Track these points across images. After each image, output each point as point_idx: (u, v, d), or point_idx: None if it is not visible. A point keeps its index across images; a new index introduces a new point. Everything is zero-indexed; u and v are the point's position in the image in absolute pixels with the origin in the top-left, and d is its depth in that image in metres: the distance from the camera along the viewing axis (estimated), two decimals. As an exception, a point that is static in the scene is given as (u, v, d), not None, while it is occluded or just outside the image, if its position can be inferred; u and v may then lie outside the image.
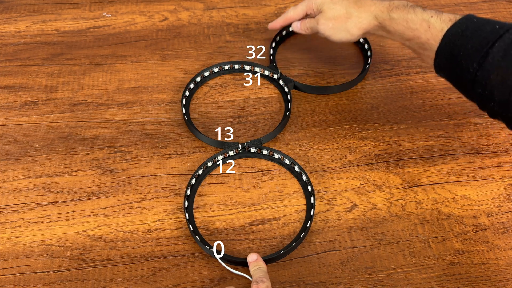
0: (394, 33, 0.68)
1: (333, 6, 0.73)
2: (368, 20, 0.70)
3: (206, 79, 0.82)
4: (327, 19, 0.73)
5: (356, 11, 0.71)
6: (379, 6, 0.69)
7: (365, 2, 0.71)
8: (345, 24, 0.72)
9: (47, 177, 0.70)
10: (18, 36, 0.89)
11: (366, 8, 0.70)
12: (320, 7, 0.74)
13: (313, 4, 0.75)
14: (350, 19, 0.71)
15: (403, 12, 0.66)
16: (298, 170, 0.70)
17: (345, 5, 0.72)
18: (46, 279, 0.62)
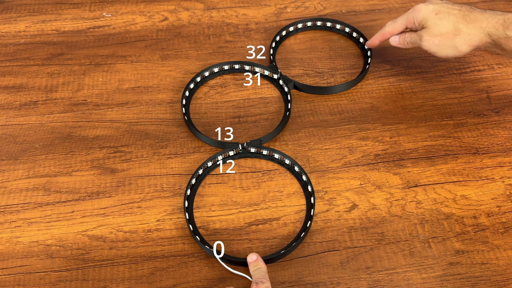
0: (510, 51, 0.65)
1: (439, 21, 0.68)
2: (480, 37, 0.66)
3: (206, 79, 0.82)
4: (432, 35, 0.69)
5: (466, 27, 0.66)
6: (492, 22, 0.65)
7: (475, 16, 0.66)
8: (453, 41, 0.67)
9: (47, 177, 0.70)
10: (18, 36, 0.89)
11: (477, 23, 0.66)
12: (423, 22, 0.70)
13: (414, 18, 0.71)
14: (458, 36, 0.67)
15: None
16: (298, 170, 0.70)
17: (453, 21, 0.67)
18: (46, 279, 0.62)
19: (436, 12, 0.69)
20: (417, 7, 0.71)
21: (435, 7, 0.69)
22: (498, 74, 0.82)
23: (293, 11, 0.92)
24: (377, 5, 0.93)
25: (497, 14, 0.66)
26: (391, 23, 0.75)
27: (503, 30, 0.64)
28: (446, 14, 0.68)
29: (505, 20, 0.64)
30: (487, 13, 0.66)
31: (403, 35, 0.75)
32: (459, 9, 0.68)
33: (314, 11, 0.92)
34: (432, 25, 0.69)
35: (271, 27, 0.89)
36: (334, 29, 0.88)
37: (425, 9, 0.70)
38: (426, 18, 0.69)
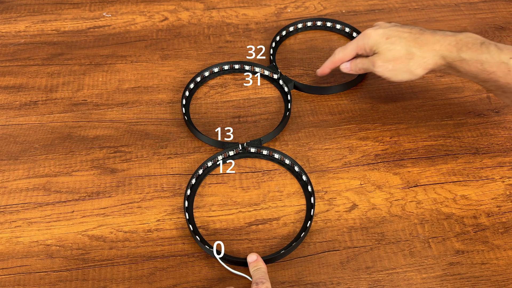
0: (465, 74, 0.63)
1: (391, 46, 0.66)
2: (434, 60, 0.64)
3: (206, 79, 0.82)
4: (385, 61, 0.67)
5: (419, 51, 0.65)
6: (444, 44, 0.64)
7: (426, 39, 0.65)
8: (408, 65, 0.66)
9: (47, 177, 0.70)
10: (18, 36, 0.89)
11: (429, 46, 0.64)
12: (374, 48, 0.68)
13: (365, 44, 0.69)
14: (412, 60, 0.65)
15: (475, 52, 0.61)
16: (298, 170, 0.70)
17: (405, 45, 0.65)
18: (46, 279, 0.62)
19: (386, 37, 0.67)
20: (367, 33, 0.69)
21: (385, 31, 0.67)
22: (498, 74, 0.82)
23: (293, 11, 0.92)
24: (377, 5, 0.93)
25: (447, 35, 0.64)
26: (341, 49, 0.73)
27: (457, 53, 0.63)
28: (397, 38, 0.66)
29: (457, 42, 0.63)
30: (438, 35, 0.65)
31: (354, 61, 0.72)
32: (409, 31, 0.66)
33: (314, 11, 0.92)
34: (385, 50, 0.67)
35: (271, 27, 0.89)
36: (334, 29, 0.88)
37: (375, 34, 0.68)
38: (377, 43, 0.67)
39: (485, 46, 0.61)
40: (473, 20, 0.90)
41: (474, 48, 0.62)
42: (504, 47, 0.61)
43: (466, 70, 0.63)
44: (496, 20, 0.90)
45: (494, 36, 0.87)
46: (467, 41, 0.63)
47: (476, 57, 0.61)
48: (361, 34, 0.70)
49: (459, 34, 0.64)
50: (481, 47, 0.61)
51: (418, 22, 0.90)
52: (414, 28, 0.67)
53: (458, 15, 0.91)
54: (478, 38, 0.63)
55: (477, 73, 0.62)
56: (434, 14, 0.91)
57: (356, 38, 0.71)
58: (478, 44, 0.62)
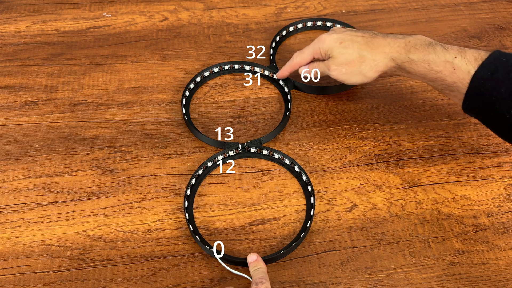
0: (414, 74, 0.65)
1: (344, 50, 0.68)
2: (384, 63, 0.66)
3: (206, 79, 0.82)
4: (339, 64, 0.69)
5: (370, 54, 0.66)
6: (394, 47, 0.65)
7: (378, 42, 0.67)
8: (359, 68, 0.67)
9: (47, 177, 0.70)
10: (18, 36, 0.89)
11: (380, 49, 0.66)
12: (329, 52, 0.70)
13: (320, 49, 0.71)
14: (364, 63, 0.67)
15: (423, 53, 0.63)
16: (298, 170, 0.70)
17: (357, 48, 0.67)
18: (46, 279, 0.62)
19: (340, 41, 0.68)
20: (322, 38, 0.71)
21: (339, 36, 0.69)
22: (498, 74, 0.82)
23: (293, 11, 0.92)
24: (377, 5, 0.93)
25: (398, 38, 0.66)
26: (299, 54, 0.74)
27: (406, 54, 0.64)
28: (350, 42, 0.68)
29: (406, 44, 0.64)
30: (389, 38, 0.66)
31: (312, 65, 0.74)
32: (362, 35, 0.68)
33: (314, 11, 0.92)
34: (338, 54, 0.68)
35: (271, 27, 0.89)
36: (334, 29, 0.88)
37: (330, 39, 0.70)
38: (331, 47, 0.69)
39: (432, 47, 0.63)
40: (473, 20, 0.90)
41: (421, 49, 0.63)
42: (450, 47, 0.62)
43: (415, 70, 0.64)
44: (496, 20, 0.90)
45: (494, 36, 0.87)
46: (416, 42, 0.64)
47: (423, 58, 0.63)
48: (317, 39, 0.72)
49: (409, 36, 0.66)
50: (428, 48, 0.63)
51: (418, 22, 0.90)
52: (367, 32, 0.69)
53: (458, 15, 0.91)
54: (427, 40, 0.64)
55: (425, 73, 0.63)
56: (434, 14, 0.91)
57: (312, 42, 0.72)
58: (425, 45, 0.63)
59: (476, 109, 0.60)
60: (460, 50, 0.61)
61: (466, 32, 0.88)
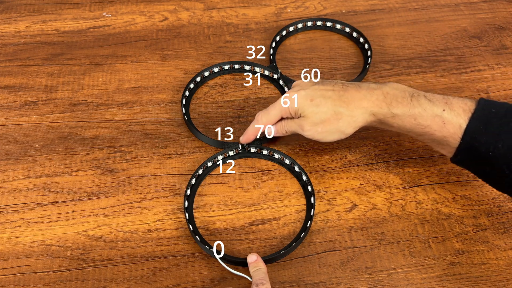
0: (398, 128, 0.61)
1: (316, 109, 0.62)
2: (364, 118, 0.62)
3: (206, 79, 0.82)
4: (313, 124, 0.63)
5: (346, 109, 0.61)
6: (372, 100, 0.61)
7: (351, 95, 0.62)
8: (337, 126, 0.62)
9: (47, 177, 0.70)
10: (18, 36, 0.89)
11: (356, 103, 0.61)
12: (300, 111, 0.64)
13: (289, 109, 0.65)
14: (341, 120, 0.62)
15: (407, 107, 0.59)
16: (298, 170, 0.70)
17: (331, 105, 0.62)
18: (46, 279, 0.62)
19: (311, 99, 0.63)
20: (289, 97, 0.65)
21: (308, 92, 0.64)
22: (498, 74, 0.82)
23: (293, 11, 0.92)
24: (377, 5, 0.93)
25: (373, 89, 0.61)
26: (264, 115, 0.68)
27: (388, 108, 0.60)
28: (321, 99, 0.62)
29: (385, 96, 0.60)
30: (363, 89, 0.62)
31: (280, 124, 0.68)
32: (332, 89, 0.63)
33: (314, 11, 0.92)
34: (311, 113, 0.63)
35: (271, 27, 0.89)
36: (334, 29, 0.88)
37: (298, 97, 0.64)
38: (302, 106, 0.63)
39: (415, 99, 0.59)
40: (473, 20, 0.90)
41: (404, 102, 0.59)
42: (434, 98, 0.59)
43: (400, 125, 0.60)
44: (496, 20, 0.90)
45: (494, 36, 0.87)
46: (395, 94, 0.60)
47: (408, 112, 0.59)
48: (283, 98, 0.66)
49: (384, 86, 0.62)
50: (411, 101, 0.59)
51: (418, 22, 0.90)
52: (336, 85, 0.64)
53: (458, 15, 0.91)
54: (406, 90, 0.60)
55: (411, 128, 0.60)
56: (434, 14, 0.91)
57: (279, 101, 0.66)
58: (408, 98, 0.59)
59: (467, 161, 0.58)
60: (445, 100, 0.58)
61: (466, 32, 0.88)
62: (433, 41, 0.87)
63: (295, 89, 0.66)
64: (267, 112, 0.68)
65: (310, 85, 0.65)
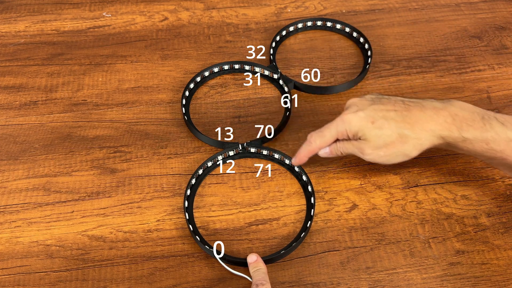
0: (468, 152, 0.58)
1: (379, 132, 0.58)
2: (431, 140, 0.58)
3: (206, 79, 0.82)
4: (375, 148, 0.60)
5: (412, 132, 0.58)
6: (440, 122, 0.56)
7: (416, 116, 0.58)
8: (402, 149, 0.59)
9: (47, 177, 0.70)
10: (18, 36, 0.89)
11: (422, 125, 0.57)
12: (360, 134, 0.60)
13: (347, 131, 0.61)
14: (406, 143, 0.58)
15: (479, 130, 0.55)
16: (298, 170, 0.70)
17: (395, 127, 0.58)
18: (46, 279, 0.62)
19: (371, 121, 0.59)
20: (347, 119, 0.61)
21: (367, 113, 0.60)
22: (499, 74, 0.82)
23: (293, 11, 0.92)
24: (377, 5, 0.93)
25: (438, 109, 0.58)
26: (318, 137, 0.63)
27: (458, 132, 0.56)
28: (384, 121, 0.58)
29: (453, 118, 0.56)
30: (428, 109, 0.58)
31: (335, 146, 0.64)
32: (394, 109, 0.59)
33: (314, 11, 0.92)
34: (373, 137, 0.59)
35: (271, 27, 0.89)
36: (334, 29, 0.88)
37: (357, 119, 0.60)
38: (363, 129, 0.59)
39: (487, 122, 0.55)
40: (473, 20, 0.90)
41: (475, 125, 0.56)
42: (506, 120, 0.56)
43: (469, 149, 0.57)
44: (496, 20, 0.90)
45: (494, 36, 0.87)
46: (464, 115, 0.57)
47: (480, 136, 0.55)
48: (340, 119, 0.62)
49: (449, 105, 0.58)
50: (484, 124, 0.55)
51: (418, 22, 0.90)
52: (397, 103, 0.60)
53: (458, 15, 0.91)
54: (475, 111, 0.57)
55: (482, 152, 0.57)
56: (434, 14, 0.91)
57: (335, 123, 0.62)
58: (478, 120, 0.56)
59: None
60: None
61: (466, 32, 0.88)
62: (433, 41, 0.87)
63: (353, 110, 0.61)
64: (321, 134, 0.63)
65: (368, 105, 0.61)
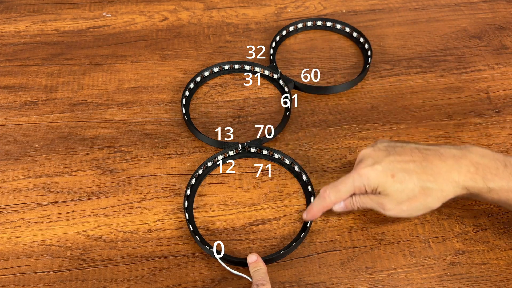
0: (492, 201, 0.56)
1: (401, 186, 0.56)
2: (455, 191, 0.55)
3: (206, 79, 0.82)
4: (398, 203, 0.57)
5: (435, 184, 0.55)
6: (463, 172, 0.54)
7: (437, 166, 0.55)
8: (425, 202, 0.56)
9: (47, 177, 0.70)
10: (18, 36, 0.89)
11: (444, 176, 0.55)
12: (380, 189, 0.57)
13: (365, 186, 0.58)
14: (430, 196, 0.56)
15: (504, 180, 0.53)
16: (298, 170, 0.70)
17: (417, 180, 0.55)
18: (46, 279, 0.62)
19: (391, 174, 0.56)
20: (364, 173, 0.58)
21: (386, 166, 0.57)
22: (499, 74, 0.82)
23: (293, 11, 0.92)
24: (377, 5, 0.93)
25: (459, 158, 0.55)
26: (333, 192, 0.60)
27: (483, 182, 0.54)
28: (404, 174, 0.56)
29: (476, 167, 0.54)
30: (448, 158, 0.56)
31: (350, 200, 0.61)
32: (412, 159, 0.57)
33: (314, 11, 0.92)
34: (394, 192, 0.56)
35: (271, 27, 0.89)
36: (334, 29, 0.88)
37: (376, 174, 0.57)
38: (382, 184, 0.57)
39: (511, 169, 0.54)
40: (473, 20, 0.90)
41: (500, 174, 0.54)
42: None
43: (494, 198, 0.55)
44: (496, 20, 0.90)
45: (494, 36, 0.87)
46: (486, 164, 0.54)
47: (507, 186, 0.53)
48: (356, 173, 0.58)
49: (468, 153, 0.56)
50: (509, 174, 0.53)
51: (418, 22, 0.90)
52: (414, 152, 0.57)
53: (458, 15, 0.91)
54: (497, 158, 0.55)
55: (506, 201, 0.55)
56: (434, 14, 0.91)
57: (351, 178, 0.59)
58: (502, 168, 0.54)
59: None
60: None
61: (466, 32, 0.88)
62: (433, 41, 0.87)
63: (368, 163, 0.58)
64: (336, 189, 0.60)
65: (383, 156, 0.58)
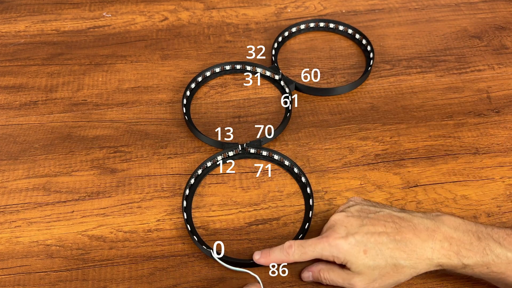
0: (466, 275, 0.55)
1: (372, 263, 0.53)
2: (428, 268, 0.54)
3: (207, 79, 0.82)
4: (370, 281, 0.54)
5: (408, 261, 0.53)
6: (437, 248, 0.53)
7: (411, 242, 0.53)
8: (397, 279, 0.54)
9: (47, 177, 0.70)
10: (18, 36, 0.89)
11: (419, 252, 0.53)
12: (349, 265, 0.55)
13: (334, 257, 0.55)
14: (402, 274, 0.54)
15: (478, 255, 0.52)
16: (297, 171, 0.70)
17: (389, 257, 0.53)
18: (46, 279, 0.62)
19: (364, 249, 0.53)
20: (336, 244, 0.54)
21: (358, 239, 0.54)
22: (498, 74, 0.82)
23: (293, 11, 0.92)
24: (377, 5, 0.93)
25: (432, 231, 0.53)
26: (298, 249, 0.56)
27: (458, 258, 0.52)
28: (377, 250, 0.53)
29: (450, 242, 0.53)
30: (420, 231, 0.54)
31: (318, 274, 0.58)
32: (385, 231, 0.54)
33: (314, 11, 0.92)
34: (366, 269, 0.54)
35: (271, 27, 0.89)
36: (336, 31, 0.88)
37: (348, 247, 0.54)
38: (354, 260, 0.54)
39: (485, 243, 0.53)
40: (473, 20, 0.90)
41: (474, 249, 0.52)
42: (501, 238, 0.53)
43: (468, 273, 0.54)
44: (496, 20, 0.90)
45: (494, 36, 0.87)
46: (460, 238, 0.53)
47: (481, 261, 0.52)
48: (327, 242, 0.55)
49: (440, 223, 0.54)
50: (482, 248, 0.52)
51: (418, 22, 0.90)
52: (387, 221, 0.55)
53: (458, 15, 0.91)
54: (469, 230, 0.54)
55: (481, 275, 0.54)
56: (434, 14, 0.91)
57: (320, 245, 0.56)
58: (475, 242, 0.53)
59: None
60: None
61: (466, 32, 0.88)
62: (433, 41, 0.87)
63: (341, 233, 0.55)
64: (303, 249, 0.56)
65: (357, 226, 0.55)
